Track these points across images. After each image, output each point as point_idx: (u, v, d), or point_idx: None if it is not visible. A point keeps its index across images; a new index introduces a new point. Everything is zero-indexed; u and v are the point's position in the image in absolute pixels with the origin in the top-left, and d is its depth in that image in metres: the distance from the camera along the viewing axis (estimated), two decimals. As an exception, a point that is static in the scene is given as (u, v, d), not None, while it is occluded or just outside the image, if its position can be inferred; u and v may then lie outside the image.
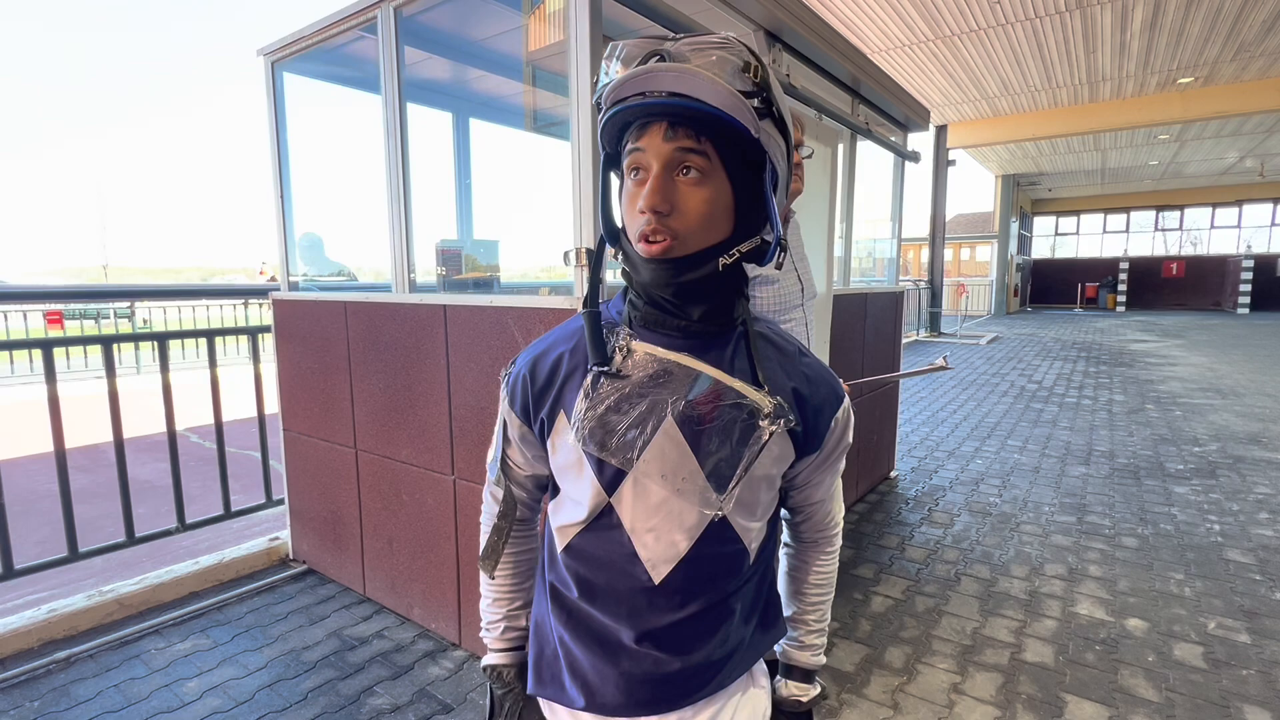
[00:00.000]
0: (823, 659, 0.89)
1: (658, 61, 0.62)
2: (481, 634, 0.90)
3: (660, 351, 0.71)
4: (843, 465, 0.85)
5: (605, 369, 0.71)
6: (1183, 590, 2.64)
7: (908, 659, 2.17)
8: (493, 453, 0.86)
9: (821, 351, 2.89)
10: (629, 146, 0.67)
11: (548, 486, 0.87)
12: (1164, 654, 2.20)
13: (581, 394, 0.72)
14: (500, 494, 0.86)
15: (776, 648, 0.89)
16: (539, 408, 0.77)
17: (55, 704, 1.95)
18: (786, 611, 0.90)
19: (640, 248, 0.68)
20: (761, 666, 0.86)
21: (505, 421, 0.82)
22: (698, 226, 0.67)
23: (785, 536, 0.91)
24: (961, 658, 2.18)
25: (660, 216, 0.65)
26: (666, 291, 0.70)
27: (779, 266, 0.73)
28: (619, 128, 0.68)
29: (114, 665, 2.14)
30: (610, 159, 0.73)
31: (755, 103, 0.64)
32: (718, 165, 0.66)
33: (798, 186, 1.77)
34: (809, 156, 1.87)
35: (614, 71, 0.66)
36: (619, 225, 0.73)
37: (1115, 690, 2.01)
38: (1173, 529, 3.26)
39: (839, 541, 0.90)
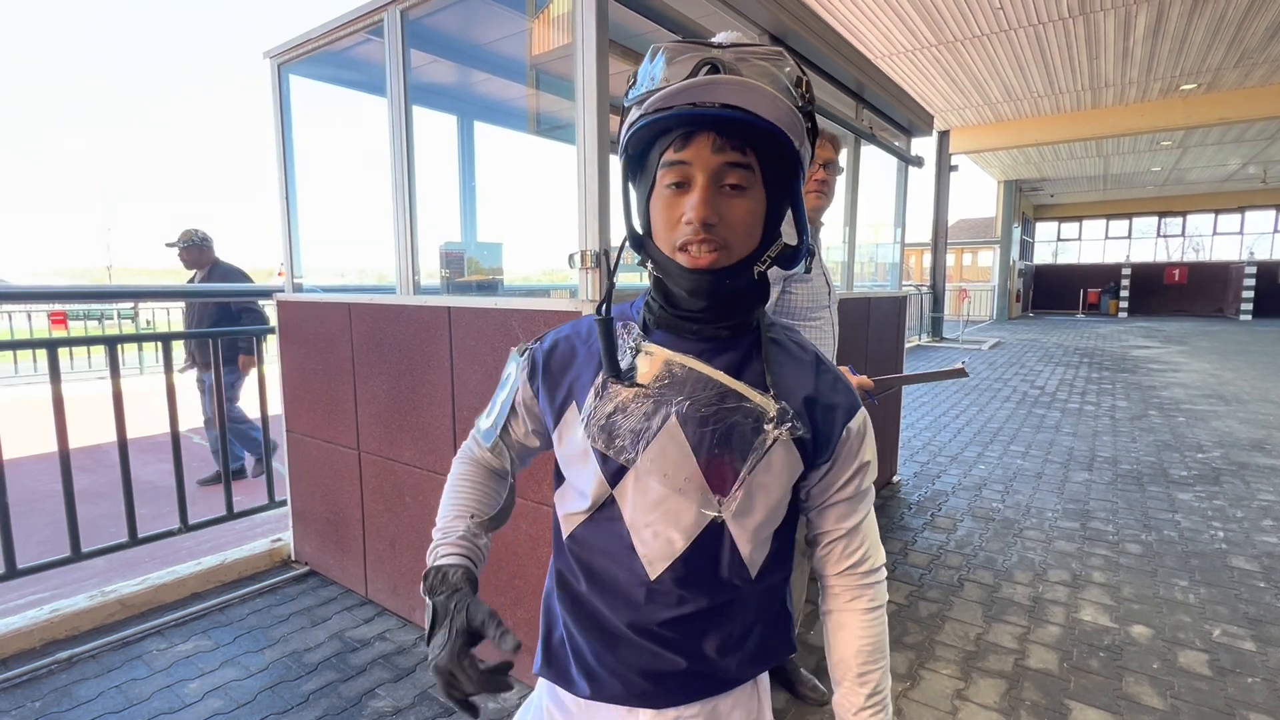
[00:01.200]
0: None
1: (711, 72, 0.61)
2: (430, 550, 0.81)
3: (669, 354, 0.72)
4: (870, 499, 0.80)
5: (618, 379, 0.72)
6: (1187, 597, 2.63)
7: (911, 665, 2.16)
8: (492, 419, 0.86)
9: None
10: (670, 157, 0.66)
11: (530, 458, 0.90)
12: (1169, 661, 2.19)
13: (593, 392, 0.73)
14: (496, 461, 0.88)
15: None
16: (552, 391, 0.79)
17: (57, 704, 1.95)
18: (836, 688, 0.81)
19: (682, 258, 0.67)
20: (764, 680, 0.86)
21: (517, 391, 0.83)
22: (742, 237, 0.67)
23: (820, 602, 0.85)
24: (965, 664, 2.17)
25: (708, 228, 0.65)
26: (703, 300, 0.70)
27: (808, 270, 0.75)
28: (653, 133, 0.67)
29: (116, 666, 2.14)
30: (632, 163, 0.72)
31: (802, 117, 0.65)
32: (758, 176, 0.67)
33: (823, 202, 1.83)
34: (841, 172, 1.93)
35: (658, 75, 0.64)
36: (640, 231, 0.73)
37: (1120, 697, 2.00)
38: (1176, 535, 3.25)
39: (883, 595, 0.79)
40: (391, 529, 2.44)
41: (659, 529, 0.73)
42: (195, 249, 4.06)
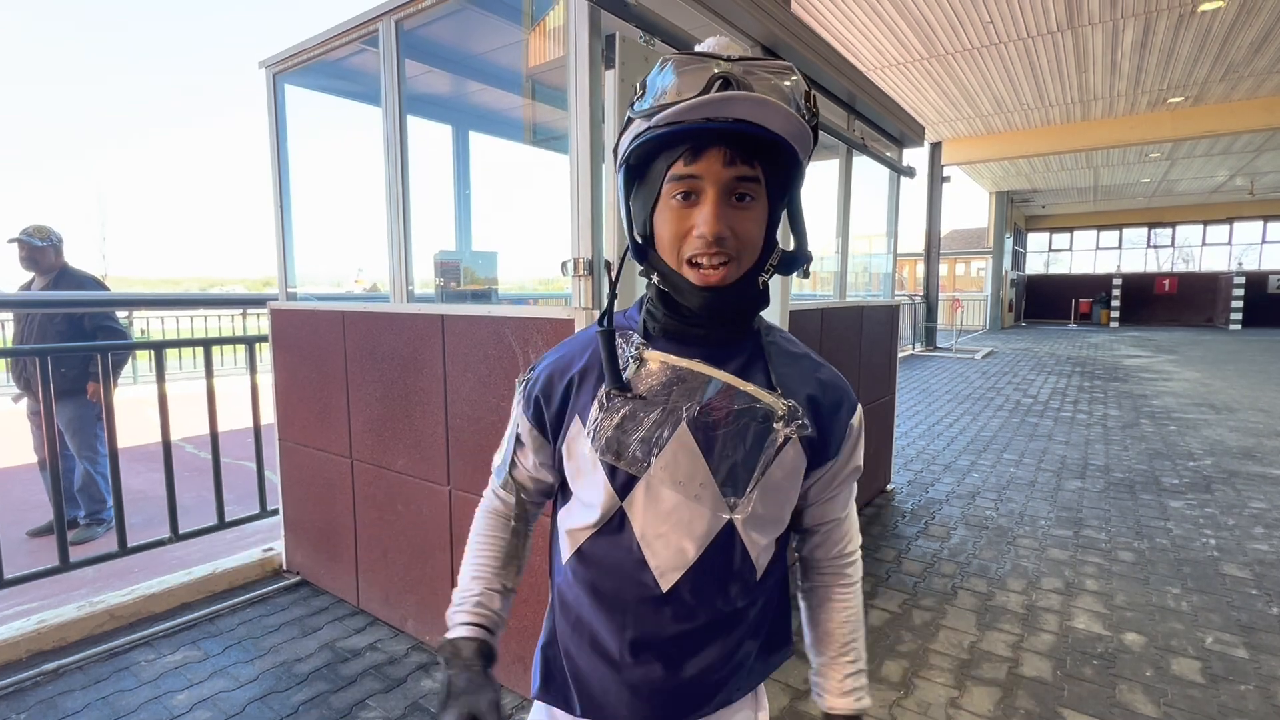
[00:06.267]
0: (868, 700, 0.82)
1: (724, 87, 0.61)
2: (449, 613, 0.82)
3: (674, 359, 0.71)
4: (855, 488, 0.84)
5: (622, 391, 0.71)
6: (1180, 605, 2.64)
7: (905, 673, 2.16)
8: (502, 456, 0.85)
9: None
10: (679, 170, 0.65)
11: (551, 494, 0.86)
12: (1162, 669, 2.19)
13: (596, 404, 0.72)
14: (510, 499, 0.85)
15: (816, 698, 0.85)
16: (553, 415, 0.77)
17: (43, 716, 1.92)
18: (817, 659, 0.84)
19: (691, 275, 0.67)
20: (763, 690, 0.86)
21: (518, 426, 0.81)
22: (750, 249, 0.68)
23: (800, 582, 0.89)
24: (959, 672, 2.17)
25: (720, 241, 0.65)
26: (712, 313, 0.69)
27: (804, 276, 0.75)
28: (658, 145, 0.66)
29: (103, 677, 2.12)
30: (631, 173, 0.71)
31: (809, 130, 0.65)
32: (763, 187, 0.67)
33: None
34: None
35: (667, 87, 0.63)
36: (640, 242, 0.71)
37: (1113, 705, 2.00)
38: (1169, 543, 3.26)
39: (859, 572, 0.85)
40: (384, 538, 2.43)
41: (671, 539, 0.72)
42: (35, 250, 3.37)
